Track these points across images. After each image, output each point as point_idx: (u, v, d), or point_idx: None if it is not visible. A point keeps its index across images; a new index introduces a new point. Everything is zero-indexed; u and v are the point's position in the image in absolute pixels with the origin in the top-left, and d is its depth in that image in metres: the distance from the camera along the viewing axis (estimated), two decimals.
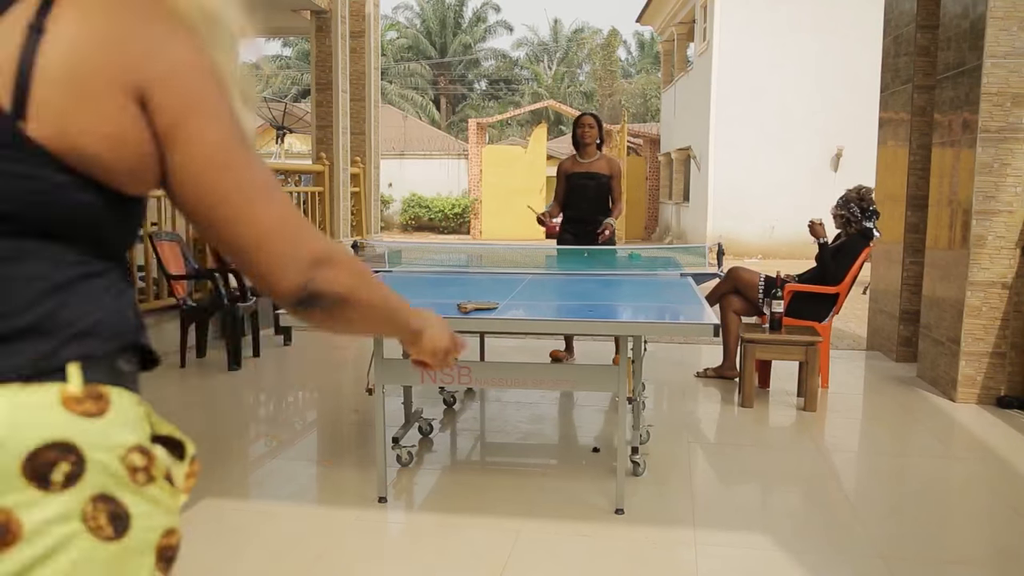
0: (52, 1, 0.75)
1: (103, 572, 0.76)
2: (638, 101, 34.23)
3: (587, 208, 5.36)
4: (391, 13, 39.88)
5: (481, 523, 2.90)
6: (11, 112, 0.74)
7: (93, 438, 0.75)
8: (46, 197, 0.76)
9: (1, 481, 0.71)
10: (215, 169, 0.79)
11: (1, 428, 0.71)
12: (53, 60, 0.73)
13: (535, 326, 3.21)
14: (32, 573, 0.71)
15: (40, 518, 0.72)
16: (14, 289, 0.76)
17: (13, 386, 0.73)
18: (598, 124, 5.44)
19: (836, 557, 2.70)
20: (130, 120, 0.77)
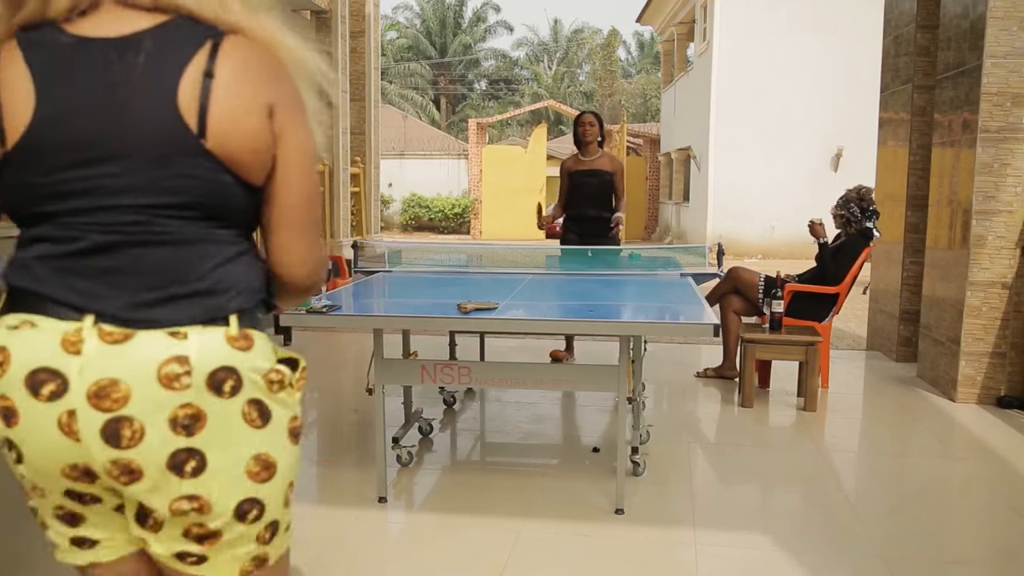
0: (217, 51, 1.09)
1: (258, 443, 1.14)
2: (638, 101, 34.24)
3: (590, 206, 5.36)
4: (391, 13, 39.91)
5: (481, 523, 2.90)
6: (197, 132, 1.07)
7: (245, 364, 1.12)
8: (218, 190, 1.11)
9: (194, 389, 1.07)
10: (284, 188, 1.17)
11: (193, 356, 1.07)
12: (219, 97, 1.08)
13: (535, 326, 3.21)
14: (215, 448, 1.11)
15: (215, 412, 1.09)
16: (197, 263, 1.12)
17: (197, 327, 1.09)
18: (599, 122, 5.45)
19: (836, 557, 2.70)
20: (263, 133, 1.12)
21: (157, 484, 1.09)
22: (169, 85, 1.07)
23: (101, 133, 1.07)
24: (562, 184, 5.54)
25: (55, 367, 1.06)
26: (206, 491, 1.11)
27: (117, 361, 1.06)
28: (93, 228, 1.09)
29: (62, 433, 1.07)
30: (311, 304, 2.99)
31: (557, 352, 5.41)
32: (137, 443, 1.07)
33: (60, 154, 1.07)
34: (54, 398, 1.06)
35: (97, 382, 1.05)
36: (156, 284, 1.10)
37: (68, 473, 1.12)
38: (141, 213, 1.09)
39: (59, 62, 1.08)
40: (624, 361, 3.00)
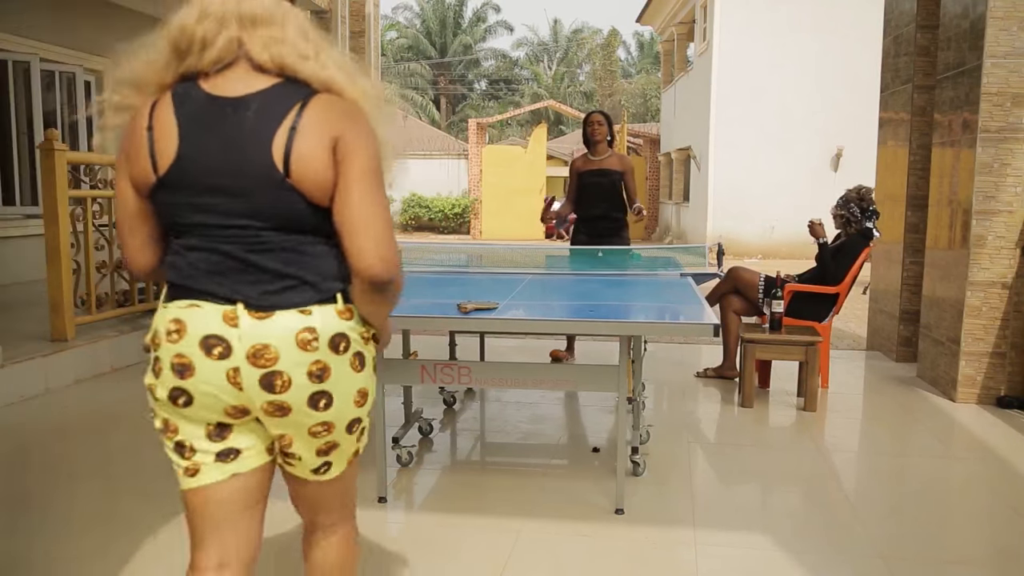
0: (303, 110, 1.45)
1: (358, 384, 1.56)
2: (638, 101, 34.23)
3: (599, 206, 5.34)
4: (391, 13, 39.91)
5: (481, 523, 2.90)
6: (283, 173, 1.44)
7: (350, 329, 1.53)
8: (296, 214, 1.47)
9: (321, 351, 1.48)
10: (350, 205, 1.47)
11: (318, 326, 1.48)
12: (299, 146, 1.44)
13: (535, 326, 3.21)
14: (337, 389, 1.52)
15: (336, 365, 1.51)
16: (302, 260, 1.50)
17: (316, 306, 1.49)
18: (607, 121, 5.43)
19: (836, 557, 2.70)
20: (325, 166, 1.45)
21: (300, 416, 1.52)
22: (267, 138, 1.44)
23: (221, 171, 1.46)
24: (571, 183, 5.53)
25: (221, 335, 1.46)
26: (332, 418, 1.55)
27: (266, 332, 1.46)
28: (224, 240, 1.49)
29: (229, 383, 1.47)
30: None
31: (557, 352, 5.41)
32: (287, 390, 1.49)
33: (195, 184, 1.46)
34: (222, 358, 1.46)
35: (253, 347, 1.46)
36: (275, 280, 1.49)
37: (228, 411, 1.52)
38: (251, 230, 1.47)
39: (195, 114, 1.47)
40: (624, 361, 3.00)
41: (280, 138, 1.43)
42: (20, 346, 4.80)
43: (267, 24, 1.48)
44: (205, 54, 1.47)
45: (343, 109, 1.49)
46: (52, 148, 4.98)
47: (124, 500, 3.13)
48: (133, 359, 5.42)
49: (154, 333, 1.51)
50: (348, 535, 1.76)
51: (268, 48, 1.47)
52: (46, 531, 2.85)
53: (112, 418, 4.29)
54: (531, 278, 4.12)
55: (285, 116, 1.44)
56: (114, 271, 5.61)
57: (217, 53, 1.46)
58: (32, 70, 8.23)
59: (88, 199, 5.37)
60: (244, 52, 1.47)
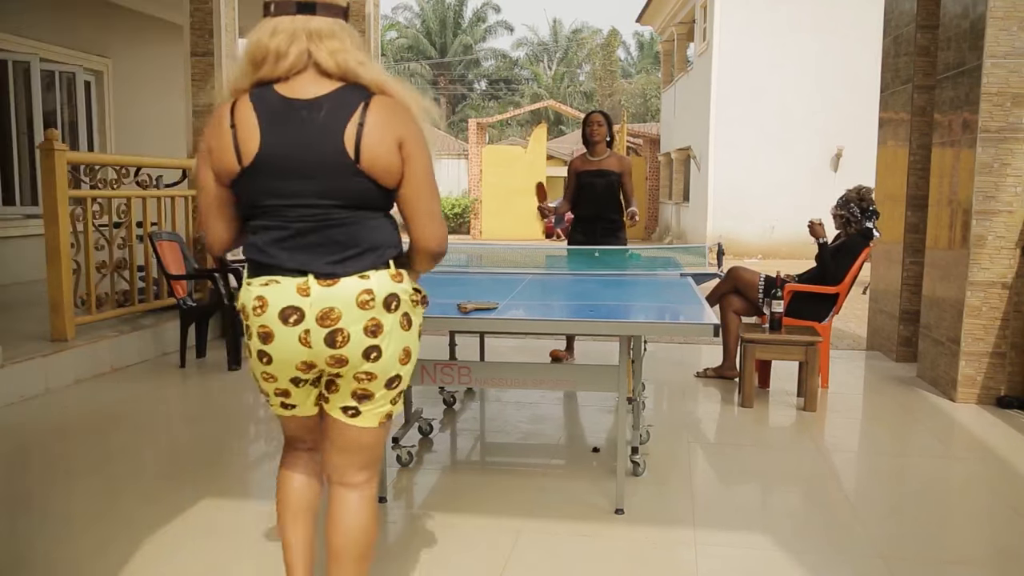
0: (367, 109, 1.75)
1: (404, 342, 1.86)
2: (638, 101, 34.22)
3: (597, 206, 5.34)
4: (391, 13, 39.89)
5: (481, 523, 2.90)
6: (354, 159, 1.74)
7: (400, 290, 1.83)
8: (368, 193, 1.79)
9: (375, 308, 1.78)
10: (413, 194, 1.83)
11: (375, 288, 1.77)
12: (368, 140, 1.74)
13: (535, 326, 3.21)
14: (386, 343, 1.81)
15: (388, 322, 1.80)
16: (361, 232, 1.80)
17: (372, 271, 1.79)
18: (607, 121, 5.42)
19: (836, 557, 2.70)
20: (394, 158, 1.77)
21: (354, 366, 1.82)
22: (338, 131, 1.74)
23: (298, 159, 1.75)
24: (569, 183, 5.52)
25: (296, 304, 1.77)
26: (378, 369, 1.84)
27: (332, 296, 1.76)
28: (297, 219, 1.78)
29: (300, 344, 1.78)
30: None
31: (557, 352, 5.41)
32: (345, 344, 1.78)
33: (274, 171, 1.76)
34: (296, 324, 1.77)
35: (321, 310, 1.76)
36: (339, 251, 1.78)
37: (299, 367, 1.83)
38: (322, 209, 1.77)
39: (274, 113, 1.76)
40: (624, 361, 3.00)
41: (350, 131, 1.74)
42: (20, 346, 4.81)
43: (330, 37, 1.78)
44: (280, 63, 1.76)
45: (402, 111, 1.81)
46: (52, 148, 4.98)
47: (124, 500, 3.13)
48: (133, 359, 5.43)
49: (242, 307, 1.85)
50: (372, 498, 1.96)
51: (334, 56, 1.77)
52: (46, 531, 2.85)
53: (112, 418, 4.29)
54: (531, 278, 4.12)
55: (352, 113, 1.75)
56: (114, 271, 5.62)
57: (291, 62, 1.76)
58: (32, 70, 8.23)
59: (88, 199, 5.37)
60: (312, 61, 1.77)
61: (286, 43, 1.75)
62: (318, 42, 1.76)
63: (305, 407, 1.96)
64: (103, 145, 9.48)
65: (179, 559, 2.64)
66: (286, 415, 2.01)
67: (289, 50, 1.75)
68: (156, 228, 5.88)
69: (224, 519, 2.95)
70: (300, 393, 1.92)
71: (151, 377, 5.16)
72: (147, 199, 5.87)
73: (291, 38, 1.75)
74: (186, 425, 4.32)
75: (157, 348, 5.67)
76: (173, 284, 5.59)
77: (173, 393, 4.88)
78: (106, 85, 9.61)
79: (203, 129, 1.86)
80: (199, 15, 6.40)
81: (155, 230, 5.78)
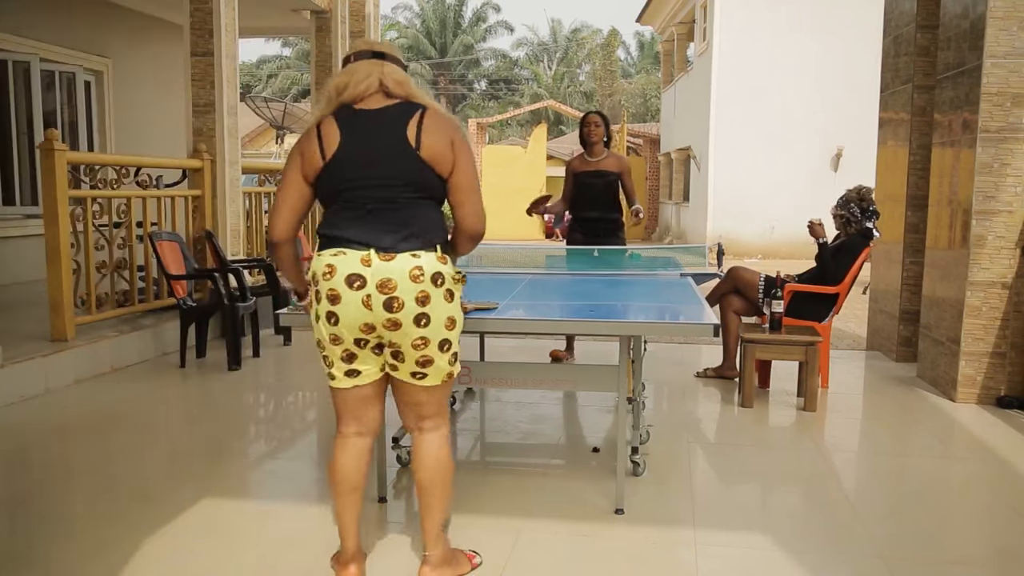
0: (423, 117, 2.25)
1: (448, 311, 2.28)
2: (638, 101, 34.20)
3: (595, 206, 5.34)
4: (391, 13, 39.88)
5: (481, 523, 2.90)
6: (415, 148, 2.22)
7: (444, 270, 2.25)
8: (428, 180, 2.26)
9: (424, 283, 2.20)
10: (462, 184, 2.31)
11: (424, 266, 2.21)
12: (427, 136, 2.23)
13: (535, 326, 3.21)
14: (433, 312, 2.23)
15: (434, 294, 2.22)
16: (417, 218, 2.25)
17: (420, 252, 2.22)
18: (604, 122, 5.41)
19: (836, 557, 2.70)
20: (449, 152, 2.25)
21: (407, 331, 2.21)
22: (402, 127, 2.24)
23: (370, 150, 2.24)
24: (567, 183, 5.52)
25: (359, 272, 2.18)
26: (429, 334, 2.25)
27: (389, 269, 2.18)
28: (369, 200, 2.24)
29: (363, 307, 2.19)
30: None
31: (557, 352, 5.41)
32: (401, 310, 2.19)
33: (351, 161, 2.24)
34: (359, 289, 2.18)
35: (381, 279, 2.18)
36: (398, 231, 2.21)
37: (362, 328, 2.22)
38: (390, 192, 2.23)
39: (350, 120, 2.27)
40: (624, 361, 3.00)
41: (411, 129, 2.23)
42: (20, 346, 4.81)
43: (395, 73, 2.32)
44: (358, 87, 2.28)
45: (451, 120, 2.32)
46: (52, 148, 4.99)
47: (124, 500, 3.13)
48: (133, 359, 5.43)
49: (313, 274, 2.26)
50: (445, 437, 2.42)
51: (399, 84, 2.31)
52: (46, 531, 2.85)
53: (112, 418, 4.29)
54: (531, 278, 4.12)
55: (412, 117, 2.25)
56: (114, 271, 5.62)
57: (366, 85, 2.28)
58: (32, 70, 8.23)
59: (88, 199, 5.37)
60: (382, 87, 2.29)
61: (364, 74, 2.29)
62: (387, 75, 2.30)
63: (369, 373, 2.34)
64: (103, 145, 9.48)
65: (179, 559, 2.64)
66: (347, 386, 2.36)
67: (367, 79, 2.28)
68: (156, 228, 5.88)
69: (224, 519, 2.95)
70: (364, 357, 2.29)
71: (151, 377, 5.16)
72: (147, 199, 5.87)
73: (368, 70, 2.29)
74: (186, 425, 4.32)
75: (157, 348, 5.67)
76: (173, 284, 5.59)
77: (173, 393, 4.88)
78: (106, 85, 9.61)
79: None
80: (199, 15, 6.40)
81: (155, 230, 5.78)
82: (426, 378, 2.32)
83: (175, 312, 5.71)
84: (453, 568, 2.45)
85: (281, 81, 35.87)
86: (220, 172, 6.51)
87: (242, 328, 5.60)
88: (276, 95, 29.50)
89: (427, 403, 2.36)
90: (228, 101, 6.51)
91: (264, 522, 2.93)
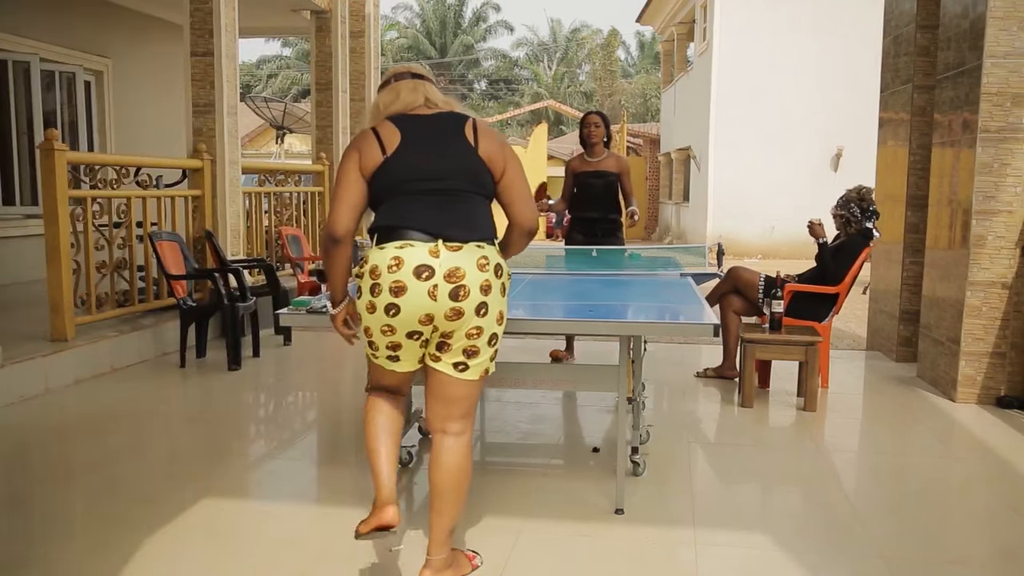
0: (476, 125, 2.41)
1: (501, 305, 2.35)
2: (638, 101, 34.20)
3: (595, 207, 5.35)
4: (391, 13, 39.85)
5: (481, 523, 2.90)
6: (475, 147, 2.37)
7: (501, 261, 2.35)
8: (485, 177, 2.39)
9: (489, 272, 2.27)
10: (514, 183, 2.44)
11: (489, 256, 2.30)
12: (481, 136, 2.40)
13: (535, 326, 3.20)
14: (492, 303, 2.29)
15: (495, 285, 2.30)
16: (478, 212, 2.35)
17: (484, 244, 2.30)
18: (604, 122, 5.41)
19: (836, 557, 2.70)
20: (501, 155, 2.40)
21: (467, 320, 2.25)
22: (460, 129, 2.39)
23: (433, 150, 2.36)
24: (567, 183, 5.53)
25: (428, 263, 2.22)
26: (484, 325, 2.29)
27: (457, 259, 2.23)
28: (429, 193, 2.32)
29: (428, 297, 2.21)
30: (311, 304, 2.99)
31: (557, 352, 5.41)
32: (466, 299, 2.23)
33: (413, 158, 2.34)
34: (427, 279, 2.21)
35: (449, 269, 2.22)
36: (463, 223, 2.29)
37: (421, 319, 2.24)
38: (451, 185, 2.33)
39: (408, 122, 2.40)
40: (624, 361, 3.00)
41: (468, 130, 2.38)
42: (20, 346, 4.81)
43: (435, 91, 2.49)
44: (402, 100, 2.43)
45: (493, 130, 2.48)
46: (52, 148, 4.98)
47: (124, 500, 3.13)
48: (133, 359, 5.43)
49: (373, 267, 2.26)
50: (467, 443, 2.40)
51: (444, 102, 2.47)
52: (46, 531, 2.85)
53: (112, 418, 4.29)
54: (531, 278, 4.12)
55: (466, 122, 2.40)
56: (114, 271, 5.62)
57: (411, 99, 2.44)
58: (32, 70, 8.23)
59: (88, 199, 5.37)
60: (425, 100, 2.44)
61: (409, 89, 2.45)
62: (430, 92, 2.47)
63: (409, 362, 2.38)
64: (103, 145, 9.48)
65: (179, 559, 2.64)
66: (388, 368, 2.40)
67: (414, 93, 2.45)
68: (156, 228, 5.88)
69: (224, 519, 2.95)
70: (410, 348, 2.32)
71: (151, 377, 5.16)
72: (147, 199, 5.87)
73: (413, 86, 2.46)
74: (186, 425, 4.32)
75: (157, 348, 5.67)
76: (173, 284, 5.59)
77: (173, 393, 4.88)
78: (106, 85, 9.61)
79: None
80: (199, 15, 6.40)
81: (155, 230, 5.78)
82: (467, 371, 2.33)
83: (175, 312, 5.71)
84: (454, 571, 2.42)
85: (281, 81, 35.87)
86: (220, 172, 6.51)
87: (242, 328, 5.60)
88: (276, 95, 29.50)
89: (461, 400, 2.36)
90: (228, 101, 6.51)
91: (264, 522, 2.93)
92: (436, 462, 2.36)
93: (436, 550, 2.35)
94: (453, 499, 2.35)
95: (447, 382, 2.35)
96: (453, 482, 2.35)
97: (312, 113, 9.43)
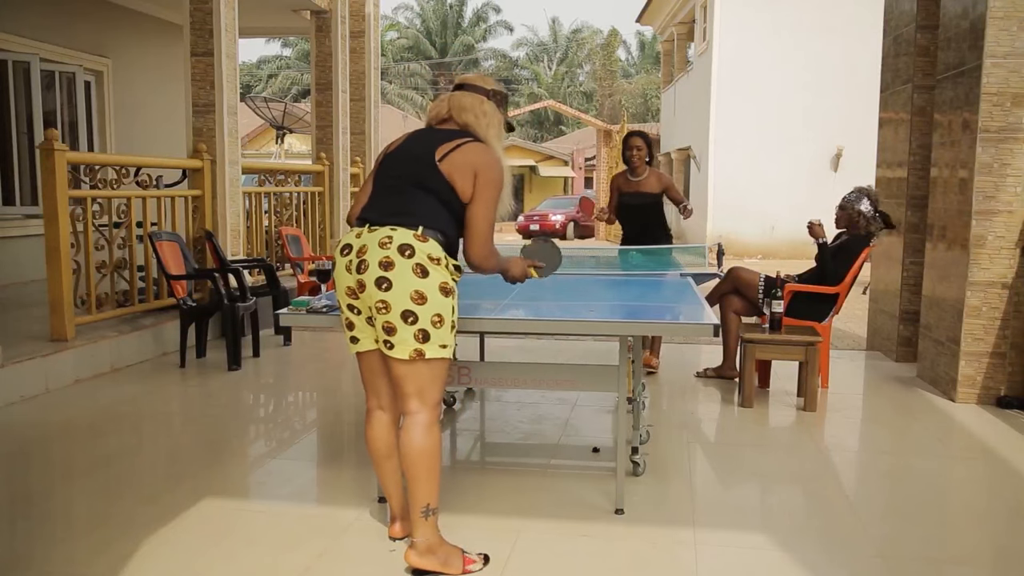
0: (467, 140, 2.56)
1: (416, 285, 2.42)
2: (638, 101, 34.22)
3: (641, 224, 5.50)
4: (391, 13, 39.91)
5: (481, 523, 2.90)
6: (437, 160, 2.51)
7: (419, 246, 2.44)
8: (438, 185, 2.50)
9: (390, 250, 2.42)
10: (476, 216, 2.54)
11: (395, 237, 2.43)
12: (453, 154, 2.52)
13: (535, 326, 3.21)
14: (396, 279, 2.41)
15: (399, 262, 2.41)
16: (411, 204, 2.50)
17: (400, 228, 2.44)
18: (647, 143, 5.49)
19: (836, 557, 2.70)
20: (468, 180, 2.51)
21: (370, 292, 2.42)
22: (437, 143, 2.54)
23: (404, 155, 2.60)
24: (612, 197, 5.66)
25: (349, 243, 2.51)
26: (389, 299, 2.40)
27: (367, 238, 2.46)
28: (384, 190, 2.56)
29: (345, 271, 2.49)
30: (311, 304, 2.99)
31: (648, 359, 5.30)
32: (365, 271, 2.42)
33: (393, 159, 2.60)
34: (345, 256, 2.50)
35: (359, 247, 2.47)
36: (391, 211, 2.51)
37: (346, 291, 2.51)
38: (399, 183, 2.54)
39: (418, 132, 2.68)
40: (624, 361, 3.00)
41: (446, 146, 2.52)
42: (20, 346, 4.81)
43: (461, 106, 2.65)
44: (431, 113, 2.69)
45: (489, 156, 2.54)
46: (52, 148, 4.98)
47: (124, 500, 3.13)
48: (133, 359, 5.43)
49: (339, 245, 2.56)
50: (426, 424, 2.47)
51: (461, 112, 2.63)
52: (46, 531, 2.85)
53: (112, 418, 4.29)
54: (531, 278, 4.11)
55: (456, 139, 2.55)
56: (114, 271, 5.62)
57: (437, 112, 2.68)
58: (32, 70, 8.23)
59: (88, 199, 5.37)
60: (449, 115, 2.65)
61: (438, 101, 2.70)
62: (454, 102, 2.65)
63: (365, 342, 2.56)
64: (103, 145, 9.48)
65: (179, 559, 2.65)
66: (354, 351, 2.60)
67: (438, 107, 2.69)
68: (156, 228, 5.88)
69: (224, 519, 2.95)
70: (358, 324, 2.54)
71: (151, 377, 5.16)
72: (147, 199, 5.87)
73: (443, 98, 2.69)
74: (186, 425, 4.32)
75: (157, 348, 5.67)
76: (173, 284, 5.59)
77: (173, 393, 4.88)
78: (106, 85, 9.61)
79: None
80: (199, 15, 6.39)
81: (155, 230, 5.78)
82: (393, 348, 2.43)
83: (175, 312, 5.71)
84: (440, 560, 2.46)
85: (281, 81, 35.88)
86: (220, 172, 6.50)
87: (242, 328, 5.60)
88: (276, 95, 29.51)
89: (403, 379, 2.46)
90: (228, 101, 6.51)
91: (264, 522, 2.93)
92: (399, 441, 2.51)
93: (415, 531, 2.48)
94: (415, 476, 2.45)
95: (387, 362, 2.49)
96: (412, 459, 2.45)
97: (312, 113, 9.42)
